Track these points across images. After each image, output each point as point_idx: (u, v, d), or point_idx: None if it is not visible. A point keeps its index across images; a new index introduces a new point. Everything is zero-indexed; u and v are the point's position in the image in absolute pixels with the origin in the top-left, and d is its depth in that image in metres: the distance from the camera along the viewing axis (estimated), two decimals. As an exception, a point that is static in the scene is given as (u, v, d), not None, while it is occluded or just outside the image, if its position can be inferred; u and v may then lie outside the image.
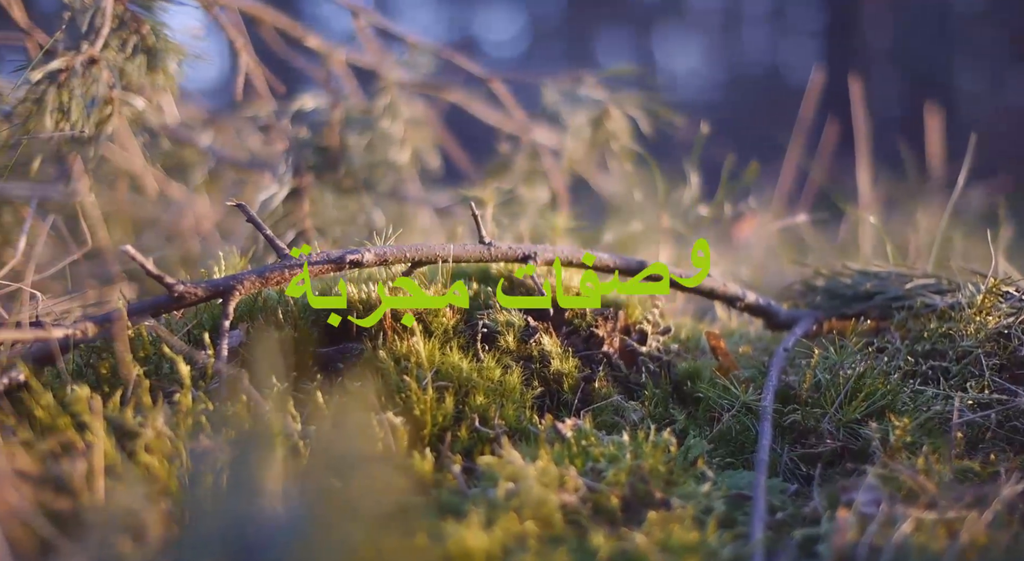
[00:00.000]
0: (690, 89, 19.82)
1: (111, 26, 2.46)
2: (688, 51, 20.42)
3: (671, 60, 20.55)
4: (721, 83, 19.68)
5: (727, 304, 2.17)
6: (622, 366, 1.95)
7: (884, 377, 1.84)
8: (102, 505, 1.33)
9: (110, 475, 1.40)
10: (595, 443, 1.62)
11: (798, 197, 4.34)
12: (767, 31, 19.86)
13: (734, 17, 19.73)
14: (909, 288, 2.13)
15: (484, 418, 1.72)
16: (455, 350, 1.79)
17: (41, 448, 1.41)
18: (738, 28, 19.85)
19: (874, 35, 15.89)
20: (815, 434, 1.78)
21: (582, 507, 1.49)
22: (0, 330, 1.59)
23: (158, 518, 1.24)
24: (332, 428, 1.01)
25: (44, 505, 1.31)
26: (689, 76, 20.11)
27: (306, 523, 0.92)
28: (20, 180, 2.79)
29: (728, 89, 19.26)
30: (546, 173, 3.12)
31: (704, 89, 19.76)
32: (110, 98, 2.42)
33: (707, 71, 20.14)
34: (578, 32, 20.16)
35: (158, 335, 1.70)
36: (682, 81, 20.03)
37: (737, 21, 19.75)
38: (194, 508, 1.03)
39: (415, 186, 3.46)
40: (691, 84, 20.01)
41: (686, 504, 1.50)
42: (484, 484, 1.50)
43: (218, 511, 0.93)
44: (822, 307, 2.23)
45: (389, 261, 1.84)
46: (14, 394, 1.57)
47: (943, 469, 1.56)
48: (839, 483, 1.58)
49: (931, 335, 2.01)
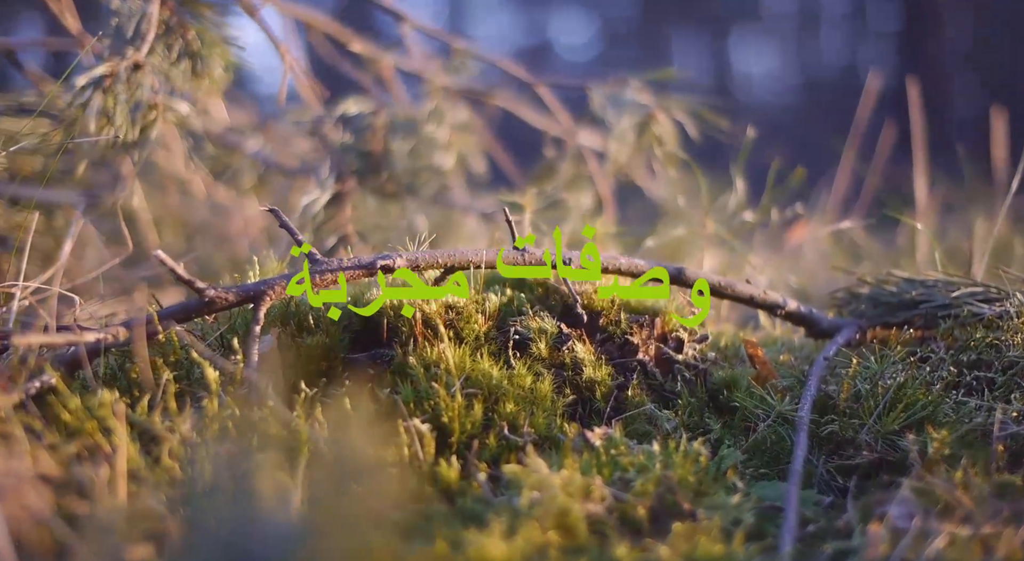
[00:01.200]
0: (765, 92, 19.69)
1: (157, 32, 2.48)
2: (764, 54, 20.26)
3: (747, 63, 20.42)
4: (796, 86, 19.50)
5: (767, 312, 2.13)
6: (657, 374, 1.92)
7: (925, 387, 1.79)
8: (121, 510, 1.33)
9: (133, 480, 1.40)
10: (624, 452, 1.60)
11: (855, 202, 4.27)
12: (844, 33, 19.66)
13: (811, 19, 19.53)
14: (955, 296, 2.07)
15: (513, 426, 1.70)
16: (486, 357, 1.78)
17: (65, 452, 1.42)
18: (814, 30, 19.66)
19: (954, 37, 15.61)
20: (853, 445, 1.74)
21: (608, 517, 1.46)
22: (31, 334, 1.60)
23: (177, 523, 1.24)
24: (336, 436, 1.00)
25: (64, 509, 1.32)
26: (764, 79, 19.96)
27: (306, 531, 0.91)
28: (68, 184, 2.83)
29: (803, 92, 19.08)
30: (591, 178, 3.10)
31: (779, 92, 19.61)
32: (154, 103, 2.44)
33: (782, 74, 19.98)
34: (652, 36, 20.08)
35: (185, 340, 1.70)
36: (758, 84, 19.90)
37: (814, 23, 19.55)
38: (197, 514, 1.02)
39: (461, 191, 3.45)
40: (766, 87, 19.87)
41: (713, 515, 1.47)
42: (508, 493, 1.49)
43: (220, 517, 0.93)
44: (866, 315, 2.19)
45: (421, 267, 1.83)
46: (45, 397, 1.58)
47: (982, 483, 1.51)
48: (873, 496, 1.54)
49: (977, 345, 1.95)
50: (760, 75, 20.08)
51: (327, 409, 1.68)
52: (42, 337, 1.59)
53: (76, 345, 1.63)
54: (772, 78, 19.97)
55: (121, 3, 2.49)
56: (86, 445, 1.44)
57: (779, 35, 19.81)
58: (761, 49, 20.24)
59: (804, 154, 4.18)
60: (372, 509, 0.98)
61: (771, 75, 19.97)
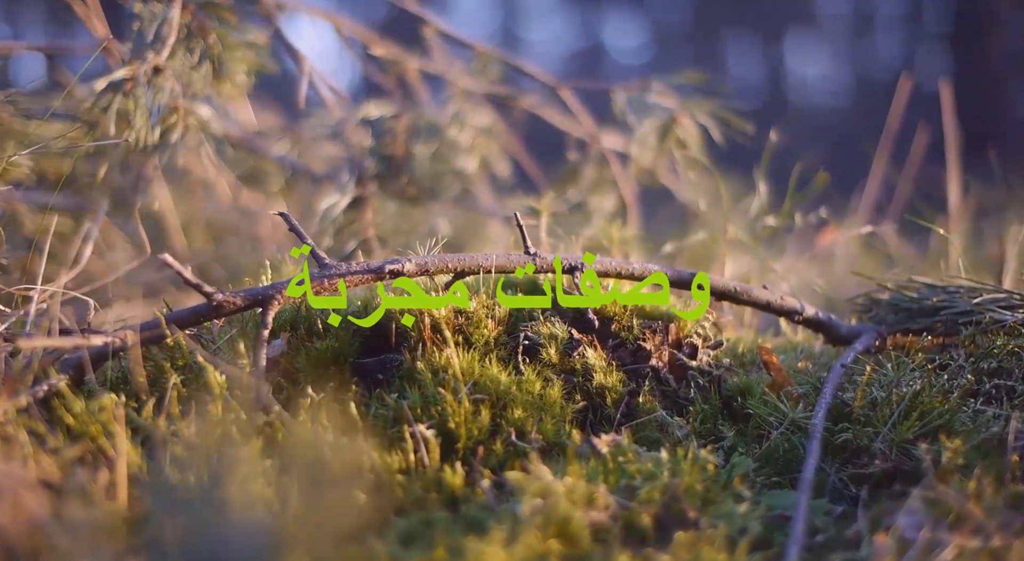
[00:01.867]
0: (820, 94, 19.56)
1: (178, 36, 2.49)
2: (818, 56, 20.10)
3: (801, 65, 20.27)
4: (850, 88, 19.32)
5: (784, 318, 2.11)
6: (671, 381, 1.90)
7: (942, 395, 1.76)
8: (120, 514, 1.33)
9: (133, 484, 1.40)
10: (632, 459, 1.58)
11: (888, 206, 4.21)
12: (899, 35, 19.47)
13: (866, 21, 19.36)
14: (977, 303, 2.03)
15: (521, 432, 1.69)
16: (494, 362, 1.77)
17: (66, 456, 1.43)
18: (869, 32, 19.48)
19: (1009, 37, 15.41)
20: (868, 454, 1.71)
21: (612, 525, 1.45)
22: (36, 338, 1.61)
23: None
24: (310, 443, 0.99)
25: (62, 514, 1.32)
26: (819, 81, 19.81)
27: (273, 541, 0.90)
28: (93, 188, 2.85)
29: (857, 94, 18.89)
30: (615, 181, 3.08)
31: (833, 94, 19.47)
32: (175, 107, 2.45)
33: (836, 76, 19.81)
34: (705, 38, 20.00)
35: (183, 344, 1.70)
36: (812, 86, 19.77)
37: (869, 25, 19.37)
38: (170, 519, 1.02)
39: (486, 195, 3.44)
40: (821, 89, 19.73)
41: (718, 524, 1.45)
42: (511, 500, 1.48)
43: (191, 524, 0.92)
44: (886, 322, 2.15)
45: (431, 271, 1.82)
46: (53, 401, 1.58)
47: (995, 494, 1.48)
48: (884, 506, 1.51)
49: (998, 352, 1.92)
50: (814, 77, 19.92)
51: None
52: (48, 341, 1.60)
53: (83, 349, 1.64)
54: (826, 80, 19.81)
55: (143, 7, 2.50)
56: (88, 449, 1.45)
57: (834, 37, 19.64)
58: (815, 51, 20.06)
59: (853, 157, 4.14)
60: (341, 519, 0.97)
61: (825, 77, 19.80)
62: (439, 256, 1.84)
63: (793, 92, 19.68)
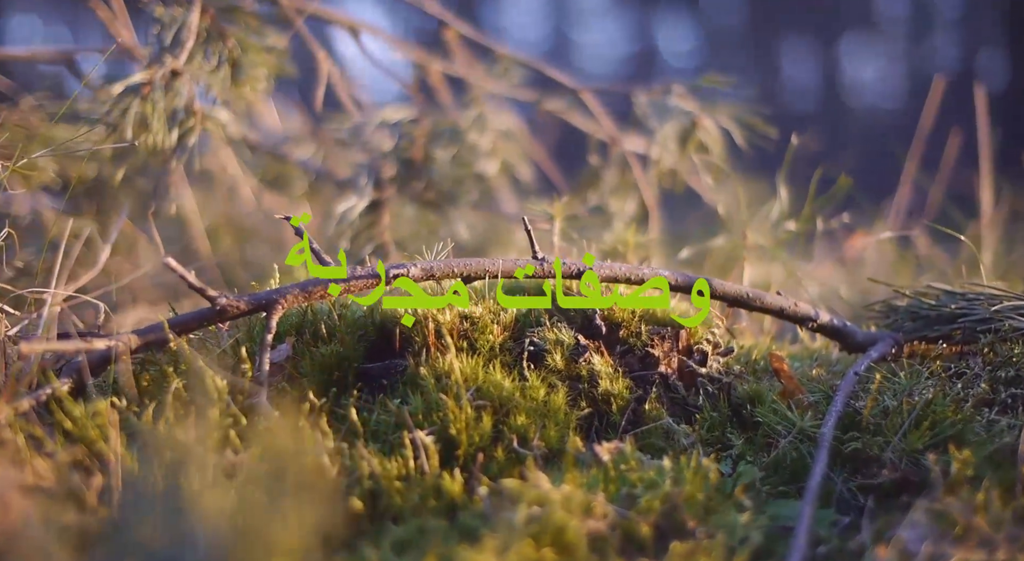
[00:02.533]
0: (877, 97, 19.40)
1: (197, 40, 2.50)
2: (875, 59, 19.90)
3: (858, 68, 20.09)
4: (908, 91, 19.12)
5: (798, 324, 2.07)
6: (680, 388, 1.88)
7: (956, 404, 1.72)
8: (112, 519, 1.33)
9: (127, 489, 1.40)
10: (635, 467, 1.56)
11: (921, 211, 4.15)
12: (957, 37, 19.26)
13: (924, 23, 19.18)
14: (996, 310, 1.99)
15: (523, 439, 1.67)
16: (498, 368, 1.75)
17: (62, 461, 1.43)
18: (928, 35, 19.30)
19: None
20: (878, 463, 1.68)
21: (611, 535, 1.43)
22: (37, 342, 1.62)
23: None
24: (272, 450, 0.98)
25: (54, 519, 1.32)
26: (876, 83, 19.64)
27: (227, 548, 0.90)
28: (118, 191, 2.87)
29: (915, 97, 18.71)
30: (636, 185, 3.06)
31: (890, 97, 19.30)
32: (193, 110, 2.46)
33: (894, 79, 19.63)
34: (761, 42, 19.88)
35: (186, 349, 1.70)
36: (870, 88, 19.61)
37: (927, 27, 19.18)
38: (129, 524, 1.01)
39: (508, 199, 3.42)
40: (878, 91, 19.56)
41: (716, 534, 1.42)
42: (507, 508, 1.46)
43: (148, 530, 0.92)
44: (903, 329, 2.11)
45: (436, 276, 1.81)
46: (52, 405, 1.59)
47: (1003, 506, 1.44)
48: (890, 517, 1.48)
49: (1017, 360, 1.88)
50: (872, 80, 19.74)
51: (340, 420, 1.67)
52: (50, 345, 1.60)
53: (85, 353, 1.64)
54: (884, 83, 19.62)
55: (165, 11, 2.52)
56: (78, 454, 1.45)
57: (892, 39, 19.46)
58: (873, 54, 19.87)
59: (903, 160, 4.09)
60: (297, 527, 0.95)
61: (883, 79, 19.61)
62: (445, 261, 1.83)
63: (849, 95, 19.52)
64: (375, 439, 1.66)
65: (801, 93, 19.61)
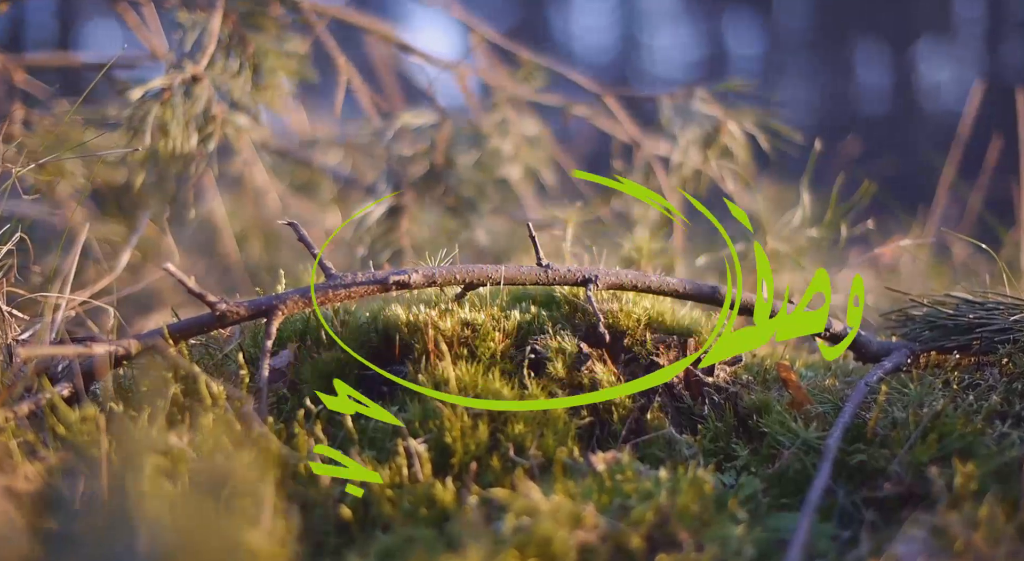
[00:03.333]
0: (952, 100, 19.17)
1: (218, 45, 2.51)
2: (951, 61, 19.62)
3: (933, 71, 19.83)
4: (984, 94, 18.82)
5: (809, 335, 2.03)
6: (686, 397, 1.85)
7: (966, 417, 1.68)
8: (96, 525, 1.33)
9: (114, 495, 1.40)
10: (631, 478, 1.53)
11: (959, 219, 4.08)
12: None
13: (1001, 26, 18.90)
14: (1015, 320, 1.94)
15: (520, 447, 1.65)
16: (497, 376, 1.73)
17: (51, 465, 1.43)
18: (1004, 37, 19.01)
19: None
20: (884, 476, 1.64)
21: (601, 546, 1.40)
22: (36, 346, 1.63)
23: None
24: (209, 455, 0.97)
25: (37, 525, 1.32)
26: (951, 85, 19.37)
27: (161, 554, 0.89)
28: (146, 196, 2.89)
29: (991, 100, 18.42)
30: (659, 191, 3.03)
31: (963, 101, 19.02)
32: (213, 116, 2.47)
33: (969, 82, 19.36)
34: (832, 45, 19.68)
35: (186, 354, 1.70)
36: (945, 91, 19.35)
37: (1004, 30, 18.90)
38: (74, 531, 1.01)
39: (531, 205, 3.41)
40: (953, 94, 19.31)
41: (707, 547, 1.40)
42: (495, 517, 1.44)
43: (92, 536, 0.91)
44: (920, 339, 2.06)
45: (438, 282, 1.80)
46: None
47: (1005, 522, 1.40)
48: (890, 532, 1.45)
49: (1034, 372, 1.83)
50: (947, 82, 19.46)
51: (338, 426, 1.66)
52: (47, 349, 1.61)
53: (88, 357, 1.65)
54: (959, 85, 19.34)
55: (188, 17, 2.53)
56: (67, 460, 1.45)
57: (967, 42, 19.19)
58: (948, 57, 19.60)
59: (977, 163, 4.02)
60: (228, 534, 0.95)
61: (958, 82, 19.33)
62: (447, 267, 1.81)
63: (925, 98, 19.26)
64: (372, 446, 1.65)
65: (875, 96, 19.36)
